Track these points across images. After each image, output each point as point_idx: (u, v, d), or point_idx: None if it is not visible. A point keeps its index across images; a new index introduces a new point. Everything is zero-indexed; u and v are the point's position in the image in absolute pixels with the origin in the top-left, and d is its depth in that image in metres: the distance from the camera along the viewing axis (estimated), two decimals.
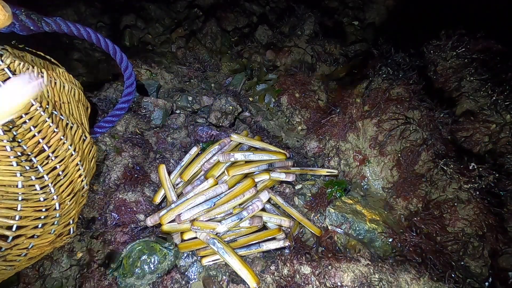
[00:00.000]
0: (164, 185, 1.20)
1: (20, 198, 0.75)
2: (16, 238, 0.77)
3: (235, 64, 1.92)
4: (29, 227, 0.80)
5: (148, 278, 1.01)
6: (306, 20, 1.89)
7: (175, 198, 1.17)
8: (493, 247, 1.04)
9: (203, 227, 1.04)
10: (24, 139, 0.78)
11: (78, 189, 0.97)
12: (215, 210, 1.07)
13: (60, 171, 0.87)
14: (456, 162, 1.11)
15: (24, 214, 0.77)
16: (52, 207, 0.85)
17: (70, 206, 0.93)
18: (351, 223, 1.11)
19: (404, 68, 1.28)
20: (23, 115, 0.77)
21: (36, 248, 0.86)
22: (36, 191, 0.79)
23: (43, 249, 0.90)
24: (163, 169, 1.21)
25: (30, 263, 0.92)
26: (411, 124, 1.18)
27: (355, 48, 1.99)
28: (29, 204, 0.77)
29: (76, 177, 0.95)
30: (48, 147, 0.84)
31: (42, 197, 0.80)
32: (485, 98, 1.29)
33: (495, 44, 1.42)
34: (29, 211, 0.78)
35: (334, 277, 0.95)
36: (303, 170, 1.31)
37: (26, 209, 0.77)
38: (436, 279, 0.94)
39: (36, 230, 0.82)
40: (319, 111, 1.55)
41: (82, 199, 1.02)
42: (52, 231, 0.88)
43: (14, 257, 0.82)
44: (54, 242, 0.93)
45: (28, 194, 0.77)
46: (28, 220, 0.79)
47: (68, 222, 0.96)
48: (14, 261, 0.83)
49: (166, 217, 1.07)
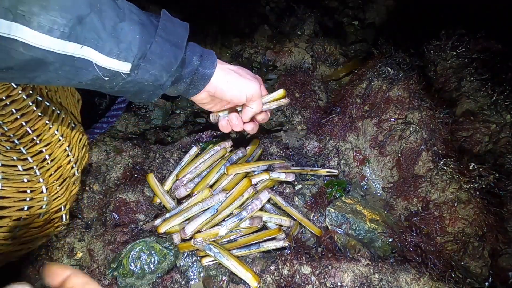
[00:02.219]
0: (157, 193, 1.17)
1: (0, 176, 0.77)
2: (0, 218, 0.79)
3: (235, 64, 1.92)
4: (13, 208, 0.81)
5: (148, 278, 1.01)
6: (306, 20, 1.89)
7: (172, 204, 1.16)
8: (493, 247, 1.04)
9: (205, 237, 1.02)
10: (5, 121, 0.80)
11: (68, 175, 0.98)
12: (218, 216, 1.06)
13: (47, 155, 0.89)
14: (456, 162, 1.11)
15: (6, 194, 0.78)
16: (38, 190, 0.86)
17: (60, 191, 0.95)
18: (351, 223, 1.11)
19: (404, 68, 1.28)
20: (3, 97, 0.78)
21: (24, 232, 0.87)
22: (18, 171, 0.80)
23: (33, 234, 0.91)
24: (152, 178, 1.18)
25: (22, 250, 0.92)
26: (411, 124, 1.18)
27: (355, 48, 1.98)
28: (11, 183, 0.79)
29: (65, 163, 0.97)
30: (32, 130, 0.86)
31: (25, 178, 0.82)
32: (485, 98, 1.29)
33: (495, 44, 1.42)
34: (12, 191, 0.79)
35: (334, 277, 0.95)
36: (303, 170, 1.31)
37: (8, 188, 0.78)
38: (436, 279, 0.94)
39: (21, 212, 0.83)
40: (319, 111, 1.55)
41: (74, 187, 1.03)
42: (40, 215, 0.89)
43: (1, 240, 0.83)
44: (46, 228, 0.95)
45: (9, 173, 0.78)
46: (11, 201, 0.80)
47: (59, 208, 0.97)
48: (1, 245, 0.84)
49: (162, 226, 1.06)
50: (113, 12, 0.52)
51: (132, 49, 0.55)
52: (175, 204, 1.16)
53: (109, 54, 0.53)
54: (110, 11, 0.52)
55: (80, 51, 0.50)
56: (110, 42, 0.52)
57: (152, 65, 0.58)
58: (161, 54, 0.59)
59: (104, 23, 0.51)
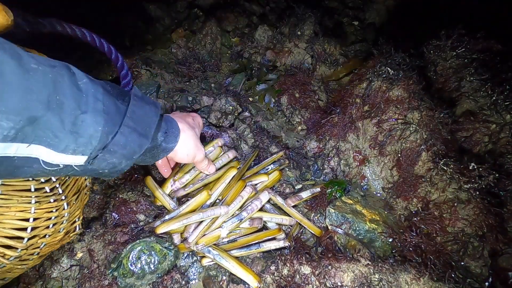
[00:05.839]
0: (157, 195, 1.16)
1: (33, 201, 0.78)
2: (30, 239, 0.80)
3: (235, 64, 1.92)
4: (41, 227, 0.82)
5: (148, 278, 1.01)
6: (306, 20, 1.89)
7: (173, 204, 1.15)
8: (493, 247, 1.04)
9: (208, 241, 1.02)
10: None
11: (82, 187, 0.99)
12: (218, 220, 1.06)
13: None
14: (456, 162, 1.11)
15: (37, 216, 0.79)
16: (61, 207, 0.87)
17: (76, 204, 0.96)
18: (351, 223, 1.11)
19: (404, 68, 1.28)
20: None
21: (47, 246, 0.89)
22: (47, 193, 0.81)
23: (53, 247, 0.93)
24: (150, 180, 1.17)
25: (40, 260, 0.94)
26: (411, 124, 1.18)
27: (355, 48, 1.98)
28: (42, 206, 0.80)
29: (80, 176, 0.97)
30: None
31: (52, 198, 0.82)
32: (485, 98, 1.29)
33: (495, 44, 1.42)
34: (42, 212, 0.80)
35: (334, 277, 0.95)
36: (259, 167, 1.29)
37: (39, 211, 0.79)
38: (436, 279, 0.94)
39: (47, 230, 0.84)
40: (319, 111, 1.55)
41: (85, 197, 1.04)
42: (61, 229, 0.91)
43: (28, 256, 0.85)
44: (63, 240, 0.96)
45: (40, 196, 0.79)
46: (41, 221, 0.81)
47: (74, 220, 0.98)
48: (28, 260, 0.86)
49: (160, 228, 1.05)
50: (74, 103, 0.46)
51: (92, 142, 0.49)
52: (176, 204, 1.16)
53: (64, 151, 0.47)
54: (71, 102, 0.45)
55: (25, 150, 0.44)
56: (68, 139, 0.46)
57: (112, 155, 0.53)
58: (125, 144, 0.53)
59: (63, 120, 0.44)
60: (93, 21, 1.91)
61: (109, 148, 0.52)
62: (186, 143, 0.77)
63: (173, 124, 0.72)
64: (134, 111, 0.55)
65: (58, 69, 0.45)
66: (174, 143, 0.72)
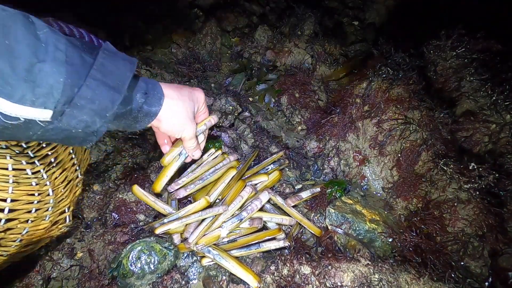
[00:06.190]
0: (148, 202, 1.14)
1: (11, 180, 0.78)
2: (9, 221, 0.80)
3: (235, 64, 1.92)
4: (22, 210, 0.82)
5: (148, 278, 1.01)
6: (306, 20, 1.89)
7: (168, 208, 1.13)
8: (493, 247, 1.04)
9: (208, 241, 1.02)
10: None
11: (72, 177, 0.99)
12: (218, 220, 1.05)
13: (52, 158, 0.90)
14: (456, 162, 1.11)
15: (16, 197, 0.79)
16: (45, 192, 0.87)
17: (64, 193, 0.96)
18: (351, 223, 1.11)
19: (404, 68, 1.28)
20: None
21: (31, 234, 0.88)
22: (27, 175, 0.81)
23: (38, 236, 0.92)
24: (137, 189, 1.13)
25: (27, 251, 0.93)
26: (411, 124, 1.18)
27: (355, 48, 1.98)
28: (21, 187, 0.80)
29: (70, 166, 0.98)
30: None
31: (34, 181, 0.82)
32: (485, 98, 1.29)
33: (495, 44, 1.42)
34: (21, 194, 0.80)
35: (334, 277, 0.95)
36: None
37: (17, 192, 0.79)
38: (436, 279, 0.94)
39: (29, 214, 0.84)
40: (319, 111, 1.55)
41: (77, 189, 1.04)
42: (46, 217, 0.90)
43: (9, 242, 0.84)
44: (50, 230, 0.96)
45: (19, 177, 0.79)
46: (20, 204, 0.81)
47: (63, 210, 0.98)
48: (9, 246, 0.85)
49: (159, 229, 1.05)
50: (28, 50, 0.44)
51: (53, 94, 0.47)
52: (170, 208, 1.14)
53: (20, 101, 0.45)
54: (24, 49, 0.44)
55: None
56: (22, 87, 0.44)
57: (81, 111, 0.51)
58: (93, 98, 0.51)
59: (14, 67, 0.43)
60: (93, 21, 1.91)
61: (76, 102, 0.49)
62: (174, 111, 0.71)
63: (155, 87, 0.67)
64: (103, 63, 0.52)
65: (9, 14, 0.44)
66: (158, 106, 0.66)
